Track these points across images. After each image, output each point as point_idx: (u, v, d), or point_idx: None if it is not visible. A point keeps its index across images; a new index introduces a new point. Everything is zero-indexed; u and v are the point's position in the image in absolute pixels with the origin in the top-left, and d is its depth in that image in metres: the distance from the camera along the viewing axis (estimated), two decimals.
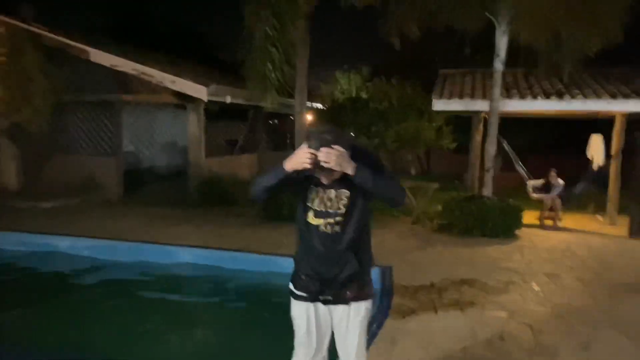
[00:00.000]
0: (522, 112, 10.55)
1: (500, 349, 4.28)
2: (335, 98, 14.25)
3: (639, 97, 9.42)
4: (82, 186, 11.37)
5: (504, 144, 10.29)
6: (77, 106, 11.85)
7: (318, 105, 14.86)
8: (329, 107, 13.47)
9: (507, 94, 10.03)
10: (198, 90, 10.53)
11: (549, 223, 9.62)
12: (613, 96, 9.54)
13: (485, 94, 10.09)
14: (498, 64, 8.96)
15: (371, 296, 2.81)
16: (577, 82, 10.30)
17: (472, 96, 10.35)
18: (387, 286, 5.87)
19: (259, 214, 9.28)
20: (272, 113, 14.43)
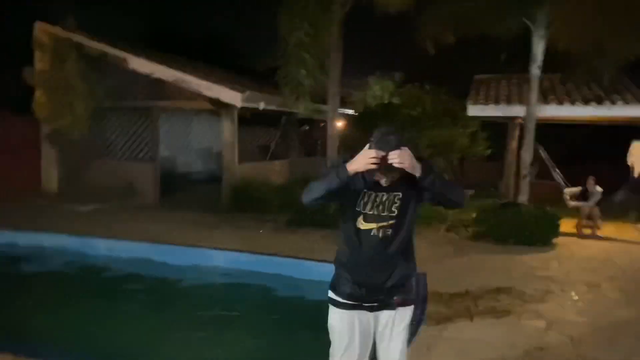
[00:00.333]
0: (560, 118, 10.35)
1: (539, 359, 4.18)
2: (367, 104, 14.23)
3: None
4: (120, 190, 11.63)
5: (541, 151, 10.10)
6: (116, 112, 12.16)
7: (350, 111, 14.87)
8: (360, 113, 13.45)
9: (545, 99, 9.85)
10: (233, 97, 10.67)
11: (587, 232, 9.37)
12: None
13: (522, 100, 9.94)
14: (535, 69, 8.82)
15: (414, 301, 2.78)
16: (617, 88, 10.05)
17: (508, 102, 10.22)
18: (422, 292, 5.80)
19: (291, 220, 9.32)
20: (304, 119, 14.51)
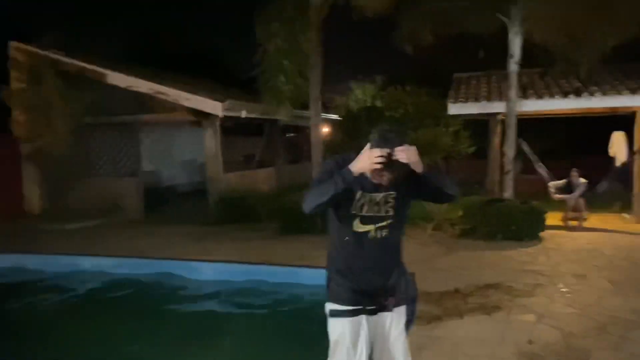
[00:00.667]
0: (540, 112, 10.42)
1: (530, 353, 4.17)
2: (350, 108, 14.26)
3: None
4: (104, 207, 11.52)
5: (524, 146, 10.16)
6: (97, 129, 12.06)
7: (334, 116, 14.88)
8: (344, 117, 13.48)
9: (524, 94, 9.93)
10: (213, 107, 10.64)
11: (573, 224, 9.43)
12: (633, 91, 9.38)
13: (502, 96, 10.01)
14: (513, 64, 8.89)
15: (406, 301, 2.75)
16: (595, 79, 10.15)
17: (488, 99, 10.28)
18: (412, 293, 5.79)
19: (279, 228, 9.27)
20: (288, 126, 14.50)
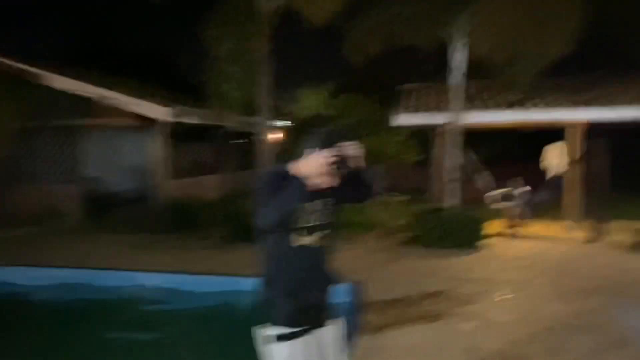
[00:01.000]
0: (484, 124, 10.74)
1: None
2: (299, 116, 14.27)
3: (596, 105, 9.72)
4: (44, 214, 11.04)
5: (469, 155, 10.44)
6: (38, 133, 11.56)
7: (284, 123, 14.83)
8: (294, 124, 13.48)
9: (469, 106, 10.21)
10: (162, 112, 10.44)
11: (513, 232, 9.76)
12: (571, 105, 9.81)
13: (446, 107, 10.25)
14: (458, 77, 9.13)
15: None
16: (536, 92, 10.56)
17: (435, 110, 10.50)
18: (358, 302, 5.83)
19: (226, 236, 9.14)
20: (238, 132, 14.36)
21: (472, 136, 11.06)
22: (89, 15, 21.17)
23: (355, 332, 4.96)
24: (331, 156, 2.30)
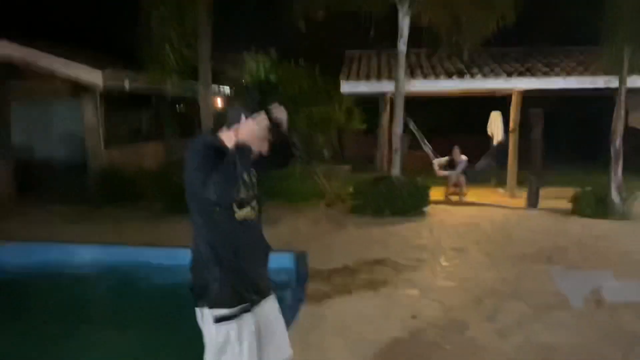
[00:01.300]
0: (426, 92, 10.83)
1: (413, 327, 4.32)
2: (243, 81, 13.89)
3: (533, 75, 9.96)
4: None
5: (411, 124, 10.52)
6: None
7: (226, 88, 14.43)
8: (236, 90, 13.12)
9: (411, 74, 10.24)
10: (93, 76, 9.84)
11: (455, 199, 10.00)
12: (509, 74, 10.02)
13: (391, 75, 10.24)
14: (401, 45, 9.08)
15: None
16: (477, 62, 10.72)
17: (378, 78, 10.47)
18: (302, 272, 5.80)
19: (165, 207, 8.83)
20: (178, 98, 13.83)
21: (415, 105, 11.16)
22: None
23: (300, 302, 4.93)
24: (266, 119, 2.21)
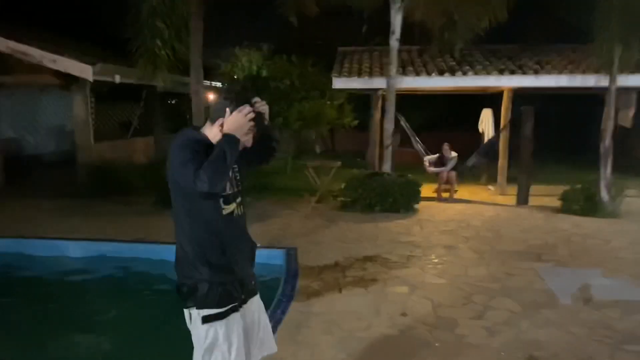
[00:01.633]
0: (418, 89, 10.83)
1: (403, 325, 4.32)
2: (235, 76, 13.83)
3: (523, 73, 9.99)
4: None
5: (402, 121, 10.53)
6: None
7: (218, 83, 14.35)
8: (228, 85, 13.06)
9: (403, 71, 10.23)
10: (83, 70, 9.71)
11: (445, 195, 10.02)
12: (500, 72, 10.04)
13: (383, 72, 10.23)
14: (394, 41, 9.07)
15: None
16: (468, 59, 10.73)
17: (370, 74, 10.44)
18: (292, 268, 5.78)
19: (155, 202, 8.78)
20: (169, 92, 13.75)
21: (406, 101, 11.17)
22: None
23: (289, 298, 4.92)
24: (250, 112, 2.21)
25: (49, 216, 8.35)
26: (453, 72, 10.15)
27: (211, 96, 13.78)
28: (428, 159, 10.51)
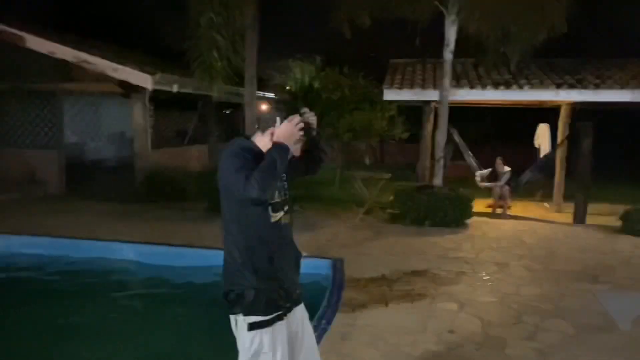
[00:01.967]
0: (472, 102, 10.66)
1: (450, 342, 4.24)
2: (288, 88, 14.04)
3: (583, 87, 9.66)
4: (21, 181, 10.81)
5: (454, 134, 10.38)
6: (15, 96, 11.19)
7: (271, 94, 14.60)
8: (281, 96, 13.27)
9: (457, 83, 10.10)
10: (143, 79, 10.13)
11: (498, 211, 9.77)
12: (559, 86, 9.75)
13: (436, 84, 10.13)
14: (448, 53, 8.98)
15: None
16: (525, 72, 10.48)
17: (423, 86, 10.37)
18: (338, 279, 5.78)
19: (209, 208, 9.00)
20: (224, 103, 14.11)
21: (459, 114, 11.00)
22: None
23: (335, 309, 4.91)
24: (300, 122, 2.27)
25: (106, 219, 8.68)
26: (509, 86, 9.94)
27: (264, 107, 14.03)
28: (480, 173, 10.30)
